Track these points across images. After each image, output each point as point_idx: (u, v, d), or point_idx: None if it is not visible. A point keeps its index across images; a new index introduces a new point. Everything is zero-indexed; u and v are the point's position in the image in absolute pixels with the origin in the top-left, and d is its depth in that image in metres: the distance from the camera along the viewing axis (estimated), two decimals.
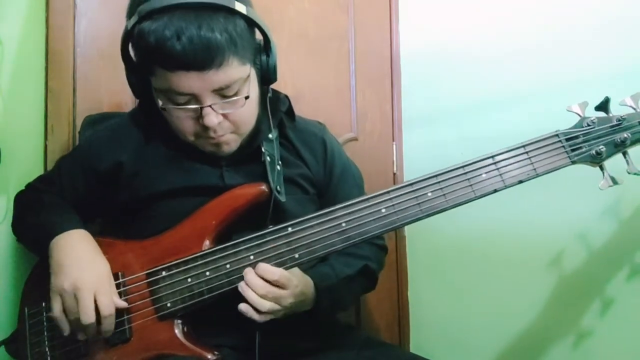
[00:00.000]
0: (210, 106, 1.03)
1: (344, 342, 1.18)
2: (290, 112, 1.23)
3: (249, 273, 1.02)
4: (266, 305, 1.00)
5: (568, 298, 1.38)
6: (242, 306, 1.00)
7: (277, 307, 1.01)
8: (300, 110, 1.26)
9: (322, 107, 1.66)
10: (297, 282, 1.05)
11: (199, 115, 1.05)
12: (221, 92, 1.03)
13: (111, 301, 1.04)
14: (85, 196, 1.20)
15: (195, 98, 1.03)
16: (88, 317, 1.02)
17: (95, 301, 1.03)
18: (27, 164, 1.42)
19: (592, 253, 1.32)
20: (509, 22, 1.52)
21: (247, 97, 1.06)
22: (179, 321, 1.06)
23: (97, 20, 1.54)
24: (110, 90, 1.53)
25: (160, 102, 1.05)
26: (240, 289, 1.01)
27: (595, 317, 1.31)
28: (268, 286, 1.01)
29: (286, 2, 1.66)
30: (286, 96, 1.23)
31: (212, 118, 1.04)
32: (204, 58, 0.98)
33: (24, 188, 1.26)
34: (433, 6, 1.68)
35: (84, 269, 1.05)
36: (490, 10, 1.57)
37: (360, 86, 1.71)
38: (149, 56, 1.01)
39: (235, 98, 1.05)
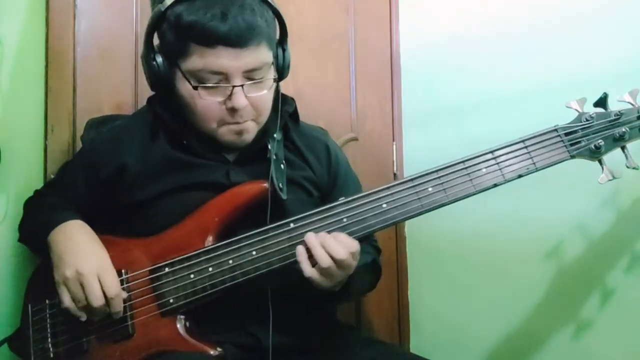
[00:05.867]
0: (241, 86, 1.06)
1: (344, 341, 1.18)
2: (295, 115, 1.24)
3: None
4: (327, 262, 0.98)
5: (567, 297, 1.38)
6: (300, 249, 1.00)
7: (325, 280, 1.01)
8: (301, 110, 1.26)
9: (322, 107, 1.66)
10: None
11: (226, 99, 1.07)
12: (250, 75, 1.07)
13: (116, 281, 1.05)
14: (88, 199, 1.19)
15: (226, 79, 1.06)
16: (97, 299, 1.03)
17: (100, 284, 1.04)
18: (27, 164, 1.42)
19: (590, 247, 1.32)
20: (509, 22, 1.53)
21: (274, 80, 1.11)
22: (182, 317, 1.06)
23: (97, 19, 1.54)
24: (110, 90, 1.53)
25: (192, 82, 1.06)
26: (307, 237, 1.00)
27: (594, 310, 1.32)
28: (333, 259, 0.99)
29: (287, 2, 1.66)
30: (292, 99, 1.24)
31: (241, 99, 1.06)
32: (246, 36, 1.03)
33: (32, 194, 1.27)
34: (433, 6, 1.69)
35: (84, 256, 1.06)
36: (490, 10, 1.57)
37: (360, 86, 1.72)
38: (186, 35, 1.03)
39: (262, 81, 1.08)
